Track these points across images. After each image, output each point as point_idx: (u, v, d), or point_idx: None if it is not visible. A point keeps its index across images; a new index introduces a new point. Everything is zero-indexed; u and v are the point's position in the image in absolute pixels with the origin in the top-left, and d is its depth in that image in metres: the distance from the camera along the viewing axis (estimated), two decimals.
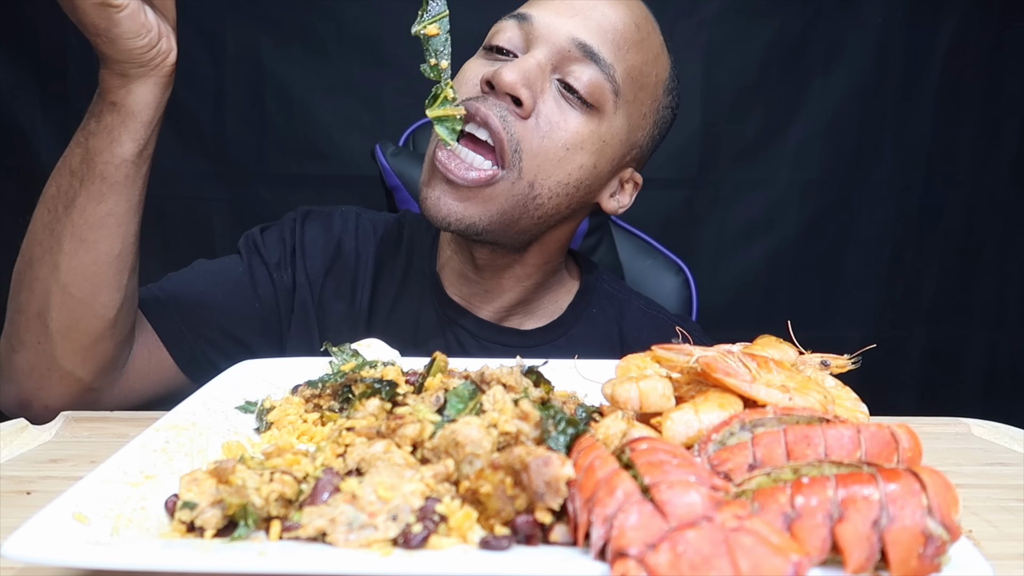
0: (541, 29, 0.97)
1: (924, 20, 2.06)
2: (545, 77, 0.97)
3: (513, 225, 1.01)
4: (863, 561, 0.44)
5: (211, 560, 0.45)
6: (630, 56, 1.00)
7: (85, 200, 0.89)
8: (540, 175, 0.98)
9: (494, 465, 0.53)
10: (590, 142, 0.99)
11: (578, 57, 0.96)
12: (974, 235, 2.19)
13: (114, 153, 0.88)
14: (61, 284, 0.90)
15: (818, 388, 0.64)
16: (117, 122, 0.87)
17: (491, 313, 1.14)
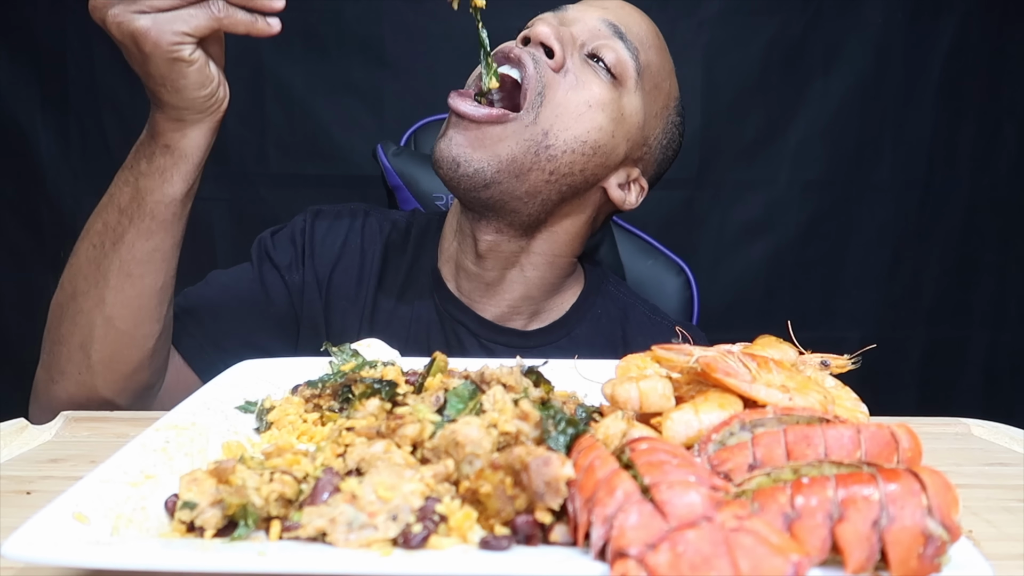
0: (574, 14, 1.06)
1: (924, 20, 2.06)
2: (575, 46, 1.03)
3: (523, 177, 1.01)
4: (863, 561, 0.44)
5: (211, 560, 0.45)
6: (650, 54, 1.08)
7: (134, 237, 0.91)
8: (557, 125, 1.00)
9: (494, 465, 0.53)
10: (611, 107, 1.03)
11: (607, 35, 1.03)
12: (974, 235, 2.19)
13: (165, 193, 0.91)
14: (106, 316, 0.93)
15: (818, 388, 0.64)
16: (170, 164, 0.90)
17: (494, 313, 1.14)
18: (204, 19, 0.81)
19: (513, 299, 1.13)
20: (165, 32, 0.80)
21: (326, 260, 1.17)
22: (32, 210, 2.02)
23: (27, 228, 2.03)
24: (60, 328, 0.95)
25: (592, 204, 1.12)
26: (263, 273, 1.15)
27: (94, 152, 1.99)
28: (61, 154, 2.00)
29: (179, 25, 0.80)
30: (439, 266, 1.18)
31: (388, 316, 1.15)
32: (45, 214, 2.02)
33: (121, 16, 0.79)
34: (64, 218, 2.00)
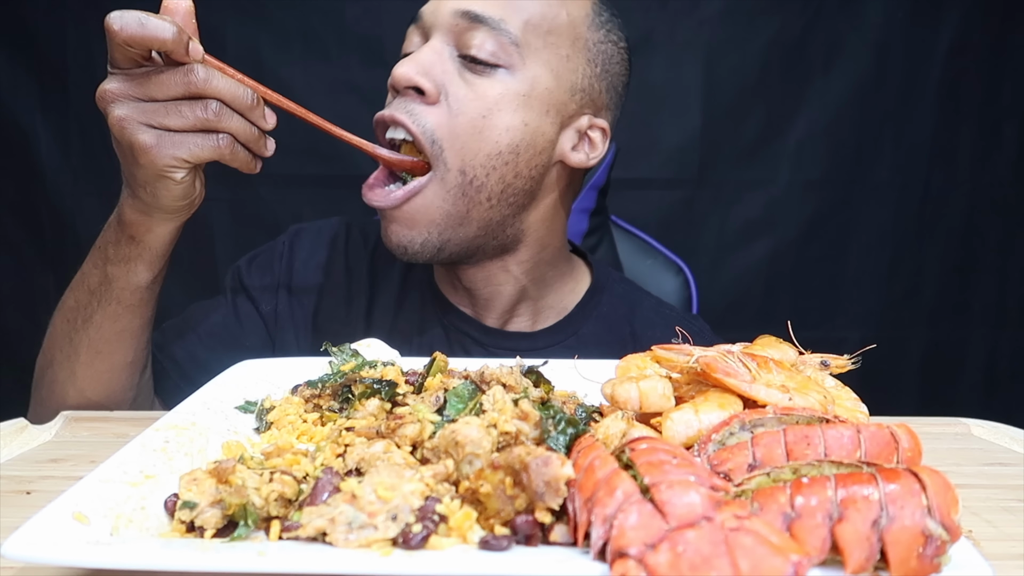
0: (428, 18, 1.00)
1: (924, 20, 2.06)
2: (444, 59, 0.97)
3: (467, 221, 0.99)
4: (863, 561, 0.44)
5: (211, 560, 0.45)
6: (524, 5, 0.98)
7: (102, 318, 0.92)
8: (467, 156, 0.96)
9: (494, 465, 0.53)
10: (507, 100, 0.97)
11: (467, 26, 0.96)
12: (974, 235, 2.19)
13: (130, 280, 0.91)
14: (78, 388, 0.95)
15: (818, 388, 0.64)
16: (135, 254, 0.90)
17: (497, 319, 1.12)
18: (207, 151, 0.81)
19: (511, 301, 1.11)
20: (165, 155, 0.79)
21: (310, 285, 1.15)
22: (32, 210, 2.02)
23: (27, 228, 2.03)
24: (40, 389, 0.98)
25: (555, 184, 1.07)
26: (237, 305, 1.14)
27: (94, 152, 1.99)
28: (61, 154, 2.00)
29: (181, 151, 0.79)
30: (436, 280, 1.16)
31: (387, 332, 1.12)
32: (45, 214, 2.02)
33: (126, 123, 0.77)
34: (64, 218, 2.00)
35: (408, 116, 0.96)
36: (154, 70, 0.77)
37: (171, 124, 0.78)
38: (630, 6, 2.01)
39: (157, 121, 0.78)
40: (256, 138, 0.84)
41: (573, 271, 1.18)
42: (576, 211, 1.48)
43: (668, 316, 1.20)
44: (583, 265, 1.21)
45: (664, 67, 2.05)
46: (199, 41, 0.78)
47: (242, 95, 0.80)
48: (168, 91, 0.77)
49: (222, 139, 0.81)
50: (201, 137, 0.80)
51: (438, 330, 1.12)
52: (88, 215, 2.00)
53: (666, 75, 2.05)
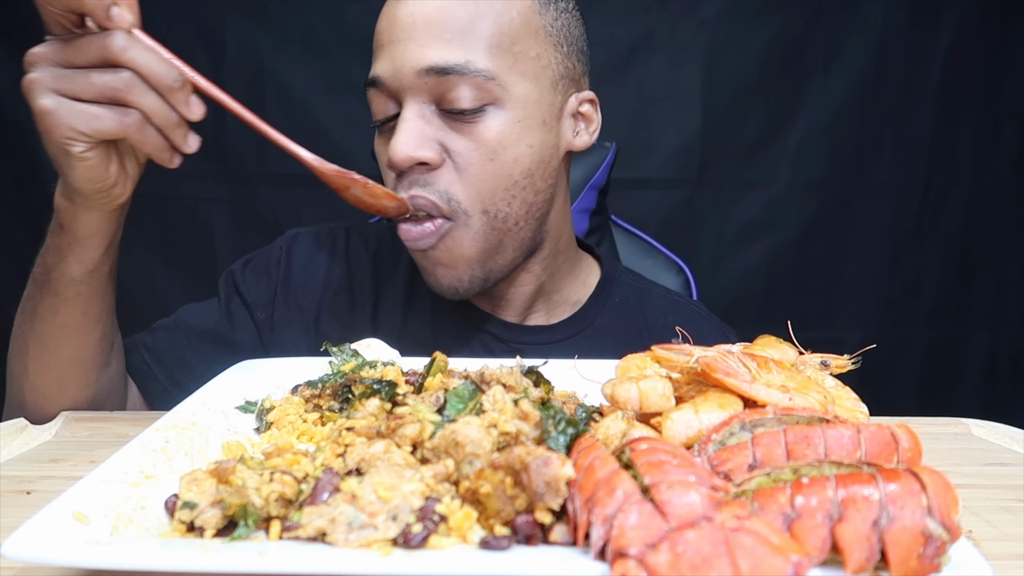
0: (391, 83, 0.95)
1: (924, 20, 2.06)
2: (430, 120, 0.93)
3: (503, 250, 1.00)
4: (863, 561, 0.44)
5: (211, 560, 0.45)
6: (479, 31, 0.92)
7: (43, 311, 0.88)
8: (485, 198, 0.95)
9: (494, 465, 0.53)
10: (507, 134, 0.94)
11: (436, 81, 0.91)
12: (974, 235, 2.19)
13: (63, 272, 0.86)
14: (31, 383, 0.92)
15: (818, 388, 0.64)
16: (64, 243, 0.84)
17: (515, 314, 1.12)
18: (109, 126, 0.72)
19: (530, 298, 1.11)
20: (61, 124, 0.72)
21: (311, 292, 1.12)
22: (32, 210, 2.02)
23: (27, 228, 2.03)
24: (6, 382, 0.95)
25: (563, 174, 1.07)
26: (231, 309, 1.11)
27: None
28: None
29: (78, 121, 0.72)
30: None
31: (396, 335, 1.10)
32: (45, 214, 2.01)
33: (33, 85, 0.73)
34: None
35: (424, 190, 0.94)
36: (78, 35, 0.72)
37: (76, 91, 0.71)
38: (630, 6, 2.02)
39: (63, 87, 0.72)
40: (173, 124, 0.74)
41: (582, 262, 1.19)
42: (576, 211, 1.48)
43: (677, 303, 1.22)
44: (590, 258, 1.22)
45: (664, 67, 2.05)
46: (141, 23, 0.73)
47: (163, 72, 0.72)
48: (82, 56, 0.71)
49: (129, 114, 0.72)
50: (105, 109, 0.72)
51: (453, 329, 1.11)
52: None
53: (666, 75, 2.05)
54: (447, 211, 0.94)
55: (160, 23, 1.95)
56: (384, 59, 0.96)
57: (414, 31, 0.92)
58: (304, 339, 1.11)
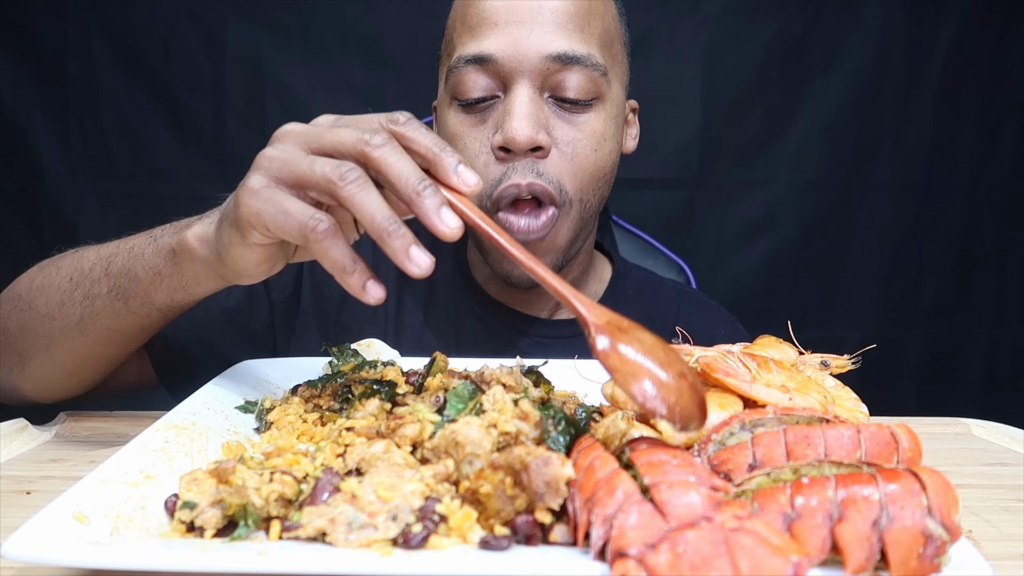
0: (509, 62, 0.92)
1: (924, 20, 2.06)
2: (542, 106, 0.94)
3: (579, 240, 1.03)
4: (863, 561, 0.44)
5: (211, 560, 0.45)
6: (594, 27, 0.96)
7: (102, 306, 0.81)
8: (585, 188, 0.98)
9: (494, 465, 0.53)
10: (607, 128, 0.99)
11: (558, 68, 0.93)
12: (974, 235, 2.19)
13: (148, 293, 0.79)
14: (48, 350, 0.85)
15: (818, 388, 0.64)
16: (167, 274, 0.77)
17: (547, 309, 1.13)
18: (292, 228, 0.61)
19: None
20: (252, 206, 0.63)
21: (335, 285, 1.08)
22: (32, 210, 2.02)
23: (27, 228, 2.02)
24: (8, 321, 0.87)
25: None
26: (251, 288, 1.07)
27: (94, 152, 1.99)
28: (61, 154, 2.00)
29: (267, 211, 0.62)
30: (478, 279, 1.14)
31: (418, 330, 1.11)
32: (45, 214, 2.02)
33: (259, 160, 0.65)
34: (64, 218, 2.00)
35: (540, 179, 0.93)
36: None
37: (295, 173, 0.62)
38: (630, 6, 2.01)
39: (285, 166, 0.63)
40: (390, 233, 0.60)
41: (597, 258, 1.22)
42: None
43: (687, 293, 1.27)
44: (601, 255, 1.25)
45: (664, 67, 2.04)
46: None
47: (411, 174, 0.60)
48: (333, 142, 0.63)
49: (320, 221, 0.60)
50: (300, 205, 0.61)
51: (475, 324, 1.12)
52: (88, 215, 2.00)
53: (666, 75, 2.05)
54: (558, 200, 0.96)
55: (160, 23, 1.95)
56: (498, 37, 0.93)
57: (539, 16, 0.93)
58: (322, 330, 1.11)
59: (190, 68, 1.98)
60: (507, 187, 0.94)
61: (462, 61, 0.95)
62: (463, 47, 0.96)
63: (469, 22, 0.96)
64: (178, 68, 1.97)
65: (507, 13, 0.93)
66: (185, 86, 1.98)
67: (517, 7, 0.93)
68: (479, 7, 0.95)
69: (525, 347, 1.10)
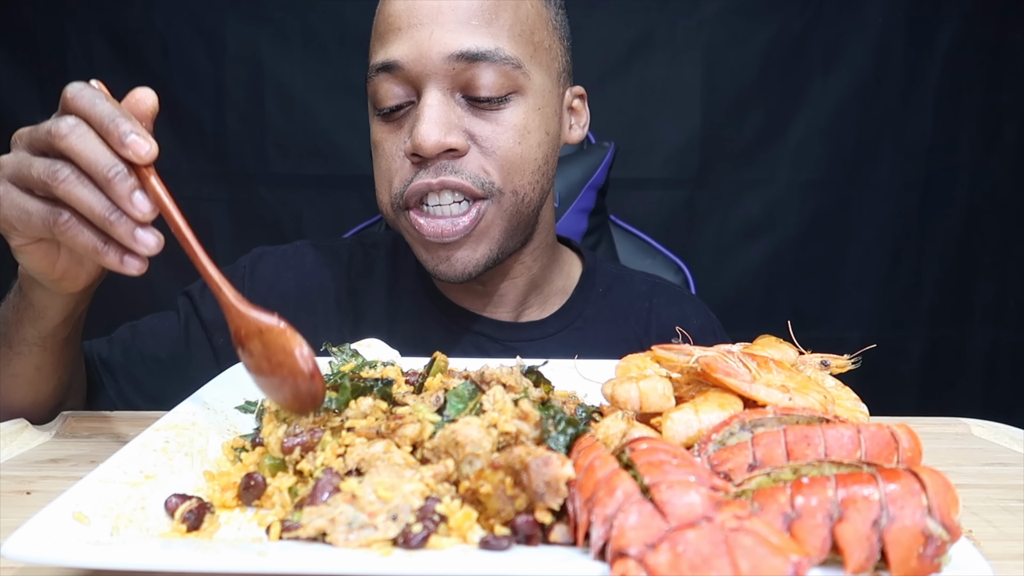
0: (413, 67, 0.91)
1: (924, 20, 2.06)
2: (454, 108, 0.92)
3: (517, 233, 1.01)
4: (863, 561, 0.44)
5: (211, 560, 0.45)
6: (503, 19, 0.92)
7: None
8: (515, 179, 0.96)
9: (494, 465, 0.53)
10: (531, 120, 0.95)
11: (465, 67, 0.90)
12: (974, 235, 2.19)
13: (18, 331, 0.82)
14: None
15: (818, 388, 0.64)
16: (23, 307, 0.81)
17: (509, 311, 1.11)
18: (37, 224, 0.66)
19: (524, 293, 1.11)
20: (2, 214, 0.67)
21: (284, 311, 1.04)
22: None
23: None
24: None
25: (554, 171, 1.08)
26: (189, 331, 1.07)
27: None
28: None
29: (11, 215, 0.66)
30: (439, 286, 1.12)
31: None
32: None
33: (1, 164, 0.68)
34: None
35: (455, 176, 0.92)
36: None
37: (23, 179, 0.66)
38: (630, 6, 2.02)
39: (16, 174, 0.66)
40: (111, 222, 0.63)
41: (564, 254, 1.20)
42: (576, 211, 1.48)
43: (658, 285, 1.23)
44: (569, 251, 1.23)
45: (664, 67, 2.05)
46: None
47: (101, 161, 0.62)
48: (37, 142, 0.67)
49: (59, 213, 0.64)
50: (39, 204, 0.65)
51: (441, 334, 1.10)
52: None
53: (666, 75, 2.05)
54: (480, 193, 0.94)
55: (160, 23, 1.95)
56: (402, 43, 0.92)
57: (440, 15, 0.91)
58: None
59: (190, 68, 1.98)
60: (416, 185, 0.93)
61: (374, 70, 0.95)
62: (374, 56, 0.96)
63: (378, 30, 0.97)
64: (178, 68, 1.98)
65: (408, 16, 0.92)
66: (185, 86, 1.98)
67: (417, 9, 0.91)
68: (385, 13, 0.96)
69: (494, 352, 1.08)
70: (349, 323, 1.10)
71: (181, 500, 0.56)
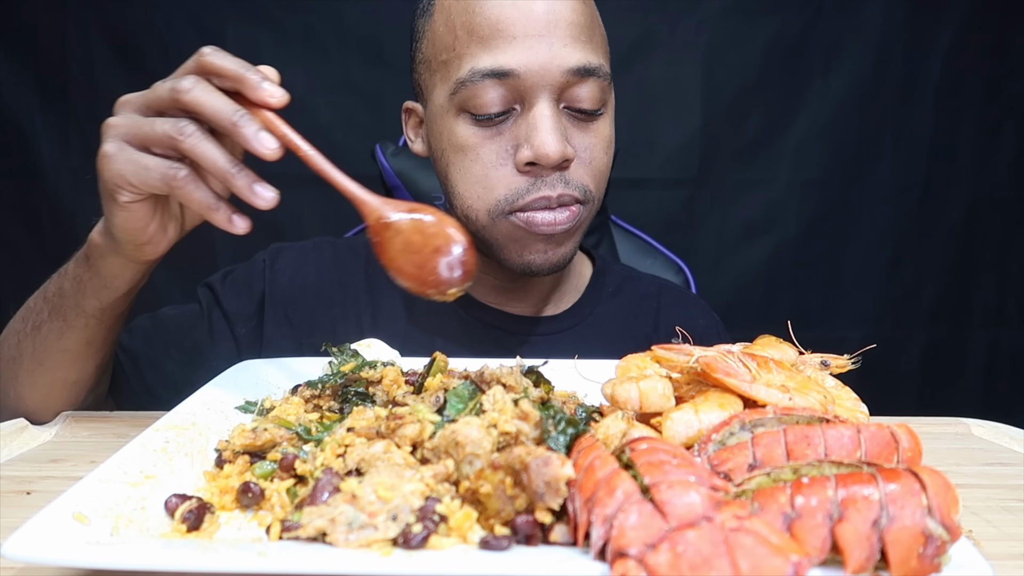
0: (532, 77, 0.91)
1: (924, 20, 2.06)
2: (560, 118, 0.94)
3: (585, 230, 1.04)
4: (863, 561, 0.44)
5: (211, 560, 0.45)
6: (597, 36, 0.98)
7: (47, 330, 0.88)
8: (601, 186, 1.01)
9: (494, 465, 0.53)
10: (612, 132, 1.01)
11: (576, 81, 0.92)
12: (974, 235, 2.19)
13: (77, 302, 0.86)
14: (17, 393, 0.90)
15: (818, 388, 0.64)
16: (86, 277, 0.84)
17: (531, 306, 1.14)
18: (155, 180, 0.70)
19: (548, 286, 1.14)
20: (112, 169, 0.71)
21: (302, 306, 1.11)
22: (32, 210, 2.02)
23: (27, 228, 2.03)
24: None
25: None
26: (213, 322, 1.09)
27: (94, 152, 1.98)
28: (61, 154, 2.00)
29: (128, 170, 0.70)
30: None
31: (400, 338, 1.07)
32: (45, 214, 2.02)
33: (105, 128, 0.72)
34: (64, 218, 2.01)
35: (568, 188, 0.94)
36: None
37: (140, 137, 0.70)
38: (630, 6, 2.02)
39: (130, 132, 0.71)
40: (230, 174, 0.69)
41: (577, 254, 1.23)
42: None
43: (666, 286, 1.28)
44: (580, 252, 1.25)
45: (664, 67, 2.05)
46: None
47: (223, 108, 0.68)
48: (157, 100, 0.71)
49: (179, 168, 0.70)
50: (157, 161, 0.70)
51: (458, 328, 1.10)
52: (88, 215, 2.00)
53: (666, 75, 2.05)
54: (583, 199, 0.97)
55: (160, 23, 1.95)
56: (518, 51, 0.91)
57: (556, 29, 0.91)
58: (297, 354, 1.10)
59: None
60: (536, 199, 0.94)
61: (478, 75, 0.91)
62: (475, 59, 0.92)
63: (479, 32, 0.92)
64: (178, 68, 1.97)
65: (524, 26, 0.91)
66: None
67: (535, 20, 0.91)
68: (490, 17, 0.92)
69: (510, 346, 1.09)
70: (368, 316, 1.12)
71: (181, 500, 0.56)
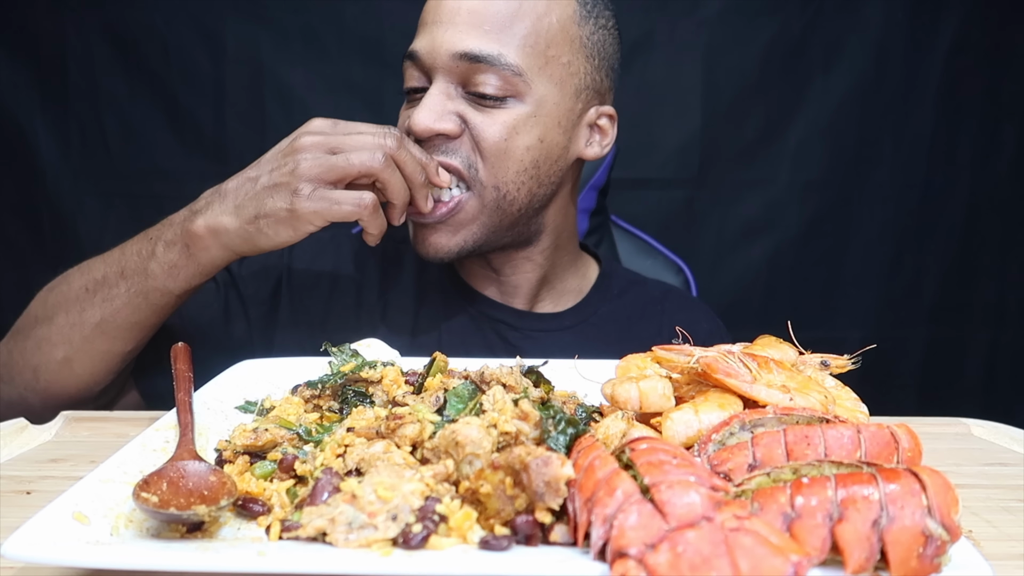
0: (426, 59, 1.01)
1: (924, 20, 2.06)
2: (454, 98, 1.01)
3: (500, 229, 1.06)
4: (863, 561, 0.44)
5: (211, 560, 0.45)
6: (517, 29, 1.00)
7: (122, 305, 0.93)
8: (499, 174, 1.02)
9: (494, 465, 0.53)
10: (522, 124, 1.01)
11: (468, 66, 0.99)
12: (974, 235, 2.19)
13: (166, 285, 0.92)
14: (67, 357, 0.94)
15: (818, 388, 0.64)
16: (181, 264, 0.91)
17: (523, 301, 1.17)
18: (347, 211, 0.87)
19: (535, 286, 1.17)
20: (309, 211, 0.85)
21: (317, 293, 1.15)
22: (32, 210, 2.02)
23: (27, 228, 2.02)
24: (26, 340, 0.96)
25: (569, 178, 1.13)
26: (228, 301, 1.12)
27: (94, 152, 1.99)
28: (61, 154, 2.00)
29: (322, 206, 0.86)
30: (461, 273, 1.19)
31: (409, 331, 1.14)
32: (45, 214, 2.02)
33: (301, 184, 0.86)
34: (64, 218, 2.01)
35: (447, 156, 1.01)
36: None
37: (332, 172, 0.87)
38: (630, 6, 2.02)
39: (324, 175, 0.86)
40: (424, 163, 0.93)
41: (582, 258, 1.27)
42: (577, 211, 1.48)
43: (670, 291, 1.32)
44: (588, 256, 1.30)
45: (664, 67, 2.05)
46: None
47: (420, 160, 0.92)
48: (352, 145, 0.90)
49: (365, 198, 0.88)
50: (348, 194, 0.87)
51: (465, 320, 1.15)
52: (88, 215, 2.00)
53: (666, 75, 2.05)
54: (468, 177, 1.01)
55: (160, 23, 1.95)
56: (424, 36, 1.03)
57: (457, 16, 1.00)
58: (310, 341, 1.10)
59: (190, 68, 1.98)
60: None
61: (404, 57, 1.06)
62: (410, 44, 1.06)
63: (419, 22, 1.07)
64: (178, 68, 1.98)
65: (433, 14, 1.03)
66: (185, 86, 1.98)
67: (440, 8, 1.02)
68: (424, 9, 1.06)
69: (513, 340, 1.14)
70: (379, 309, 1.17)
71: None
